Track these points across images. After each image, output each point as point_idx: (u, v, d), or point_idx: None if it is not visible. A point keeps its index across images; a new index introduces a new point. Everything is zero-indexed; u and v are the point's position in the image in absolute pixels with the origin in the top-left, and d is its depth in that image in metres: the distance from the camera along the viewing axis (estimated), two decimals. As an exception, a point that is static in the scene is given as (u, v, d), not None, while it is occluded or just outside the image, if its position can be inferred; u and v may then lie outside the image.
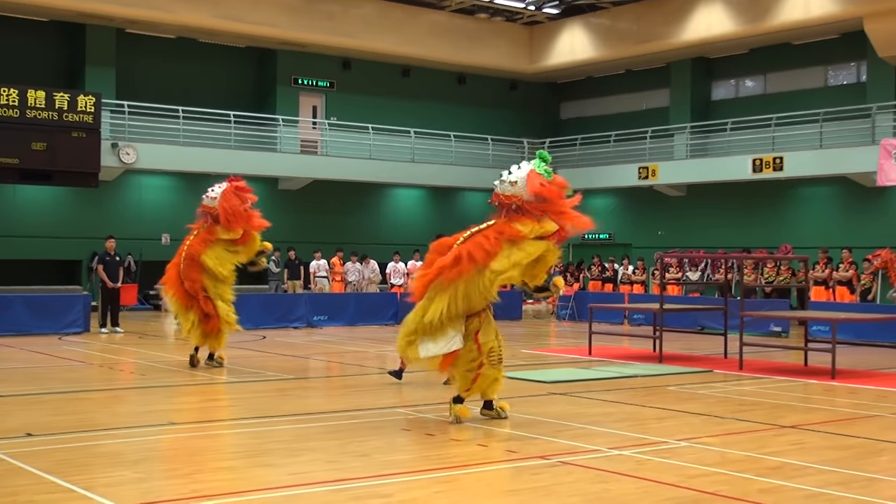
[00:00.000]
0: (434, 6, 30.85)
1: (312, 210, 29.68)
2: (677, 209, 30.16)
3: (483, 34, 32.01)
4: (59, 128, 22.74)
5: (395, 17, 30.35)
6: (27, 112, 22.52)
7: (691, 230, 29.40)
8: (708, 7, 28.32)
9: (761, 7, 27.22)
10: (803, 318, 15.67)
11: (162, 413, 9.95)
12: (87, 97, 23.47)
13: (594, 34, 31.27)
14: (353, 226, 30.37)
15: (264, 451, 8.28)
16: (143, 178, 27.62)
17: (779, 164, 26.07)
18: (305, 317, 21.89)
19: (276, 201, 29.48)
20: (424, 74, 32.53)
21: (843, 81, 28.63)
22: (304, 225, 29.01)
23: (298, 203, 29.50)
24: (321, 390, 11.87)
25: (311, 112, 30.95)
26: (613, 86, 33.70)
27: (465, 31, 31.64)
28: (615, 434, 8.88)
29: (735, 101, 30.79)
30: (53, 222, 26.31)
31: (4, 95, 22.31)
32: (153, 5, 26.59)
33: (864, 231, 25.76)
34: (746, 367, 14.27)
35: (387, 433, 8.93)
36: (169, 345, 17.98)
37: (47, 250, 26.19)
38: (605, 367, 14.06)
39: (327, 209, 30.02)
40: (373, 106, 31.25)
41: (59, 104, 22.82)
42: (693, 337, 18.84)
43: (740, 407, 10.74)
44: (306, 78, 30.55)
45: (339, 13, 29.38)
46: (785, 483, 6.99)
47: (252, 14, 27.97)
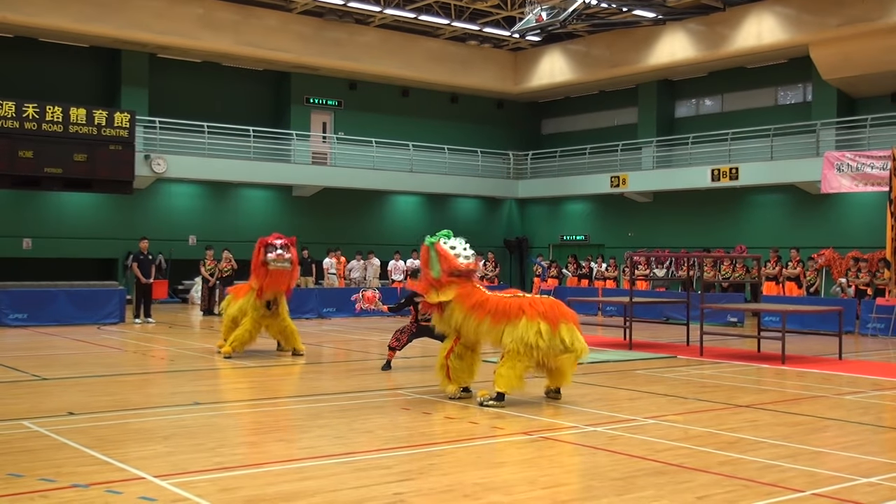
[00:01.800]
0: (430, 34, 30.80)
1: (322, 214, 29.61)
2: (645, 214, 30.16)
3: (473, 59, 31.97)
4: (98, 141, 22.64)
5: (396, 43, 30.30)
6: (70, 127, 22.43)
7: (657, 232, 29.41)
8: (672, 35, 28.31)
9: (719, 35, 27.21)
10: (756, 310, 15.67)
11: (189, 394, 9.92)
12: (123, 114, 23.37)
13: (572, 59, 31.24)
14: (358, 228, 30.31)
15: (280, 427, 8.26)
16: (172, 185, 27.53)
17: (734, 173, 26.07)
18: (316, 309, 21.84)
19: (290, 207, 29.46)
20: (422, 94, 32.49)
21: (791, 101, 28.63)
22: (315, 227, 28.94)
23: (310, 208, 29.44)
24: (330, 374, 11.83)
25: (322, 127, 30.89)
26: (588, 105, 33.69)
27: (458, 56, 31.60)
28: (591, 413, 8.87)
29: (695, 119, 30.79)
30: (93, 225, 26.21)
31: (50, 113, 22.21)
32: (182, 33, 26.50)
33: (809, 233, 25.77)
34: (706, 354, 14.26)
35: (388, 412, 8.91)
36: (196, 334, 17.93)
37: (87, 250, 26.10)
38: (582, 354, 14.02)
39: (336, 213, 29.96)
40: (376, 122, 31.20)
41: (98, 120, 22.72)
42: (659, 326, 18.84)
43: (701, 389, 10.74)
44: (317, 97, 30.49)
45: (346, 40, 29.31)
46: (741, 456, 6.98)
47: (269, 41, 27.90)
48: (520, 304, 9.23)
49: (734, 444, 7.41)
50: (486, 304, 9.33)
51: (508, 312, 9.21)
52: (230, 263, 22.15)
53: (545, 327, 9.01)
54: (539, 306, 9.17)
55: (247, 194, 28.96)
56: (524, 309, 9.16)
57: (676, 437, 7.65)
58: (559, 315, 9.14)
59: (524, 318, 9.09)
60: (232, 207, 28.58)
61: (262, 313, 13.54)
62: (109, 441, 7.30)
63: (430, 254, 9.61)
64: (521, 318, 9.11)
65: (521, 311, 9.16)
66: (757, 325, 15.37)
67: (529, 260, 31.78)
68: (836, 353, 14.14)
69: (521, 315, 9.12)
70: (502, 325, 9.19)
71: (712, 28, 27.29)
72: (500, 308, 9.25)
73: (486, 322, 9.26)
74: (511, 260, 33.60)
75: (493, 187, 32.33)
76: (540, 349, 8.98)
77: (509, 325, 9.15)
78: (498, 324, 9.21)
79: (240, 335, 13.35)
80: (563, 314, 9.20)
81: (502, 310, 9.24)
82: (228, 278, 21.36)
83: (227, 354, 13.24)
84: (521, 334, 9.03)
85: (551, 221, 33.48)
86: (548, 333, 8.99)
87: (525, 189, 32.78)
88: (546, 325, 9.02)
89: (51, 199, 25.55)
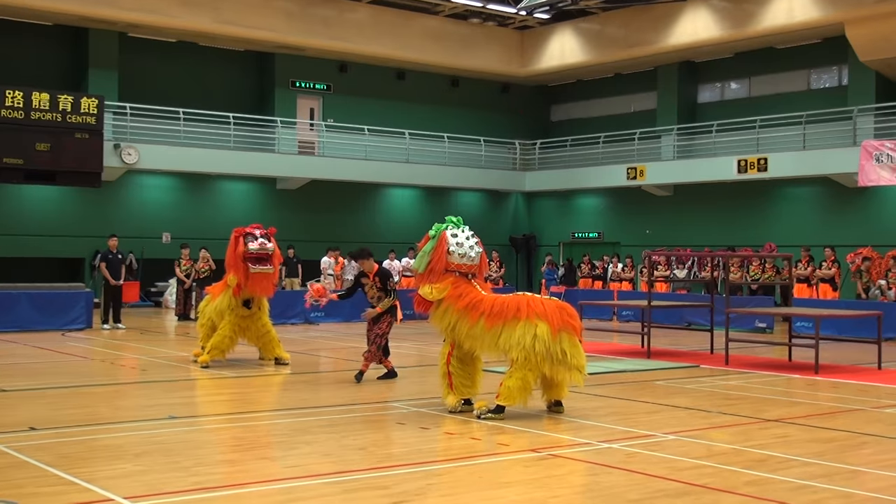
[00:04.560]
0: (428, 11, 30.80)
1: (310, 209, 29.61)
2: (664, 209, 30.16)
3: (476, 39, 31.97)
4: (62, 129, 22.64)
5: (390, 21, 30.30)
6: (32, 114, 22.42)
7: (678, 229, 29.40)
8: (694, 13, 28.31)
9: (746, 13, 27.22)
10: (787, 315, 15.67)
11: (163, 407, 9.91)
12: (91, 99, 23.37)
13: (584, 39, 31.25)
14: (349, 224, 30.31)
15: (263, 444, 8.25)
16: (144, 178, 27.53)
17: (763, 164, 26.08)
18: (303, 313, 21.83)
19: (274, 201, 29.44)
20: (419, 78, 32.49)
21: (825, 85, 28.64)
22: (301, 224, 28.94)
23: (296, 202, 29.44)
24: (318, 385, 11.84)
25: (309, 114, 30.88)
26: (602, 89, 33.69)
27: (458, 35, 31.60)
28: (605, 427, 8.86)
29: (720, 104, 30.79)
30: (57, 221, 26.21)
31: (10, 98, 22.21)
32: (155, 10, 26.49)
33: (845, 230, 25.77)
34: (732, 363, 14.26)
35: (383, 427, 8.91)
36: (170, 341, 17.93)
37: (51, 248, 26.09)
38: (595, 363, 14.01)
39: (324, 208, 29.96)
40: (368, 108, 31.20)
41: (62, 106, 22.73)
42: (680, 333, 18.83)
43: (726, 401, 10.73)
44: (304, 81, 30.49)
45: (335, 18, 29.32)
46: (770, 475, 6.98)
47: (250, 19, 27.90)
48: (517, 304, 9.20)
49: (762, 463, 7.41)
50: (481, 305, 9.33)
51: (504, 313, 9.18)
52: (208, 263, 22.15)
53: (545, 329, 8.99)
54: (539, 306, 9.14)
55: (226, 187, 28.95)
56: (521, 308, 9.15)
57: (699, 455, 7.66)
58: (562, 320, 9.11)
59: (523, 318, 9.08)
60: (210, 202, 28.58)
61: (240, 314, 13.50)
62: (75, 459, 7.30)
63: (429, 244, 9.61)
64: (518, 320, 9.10)
65: (519, 310, 9.15)
66: (787, 332, 15.37)
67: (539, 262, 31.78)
68: (875, 363, 14.13)
69: (519, 316, 9.12)
70: (498, 327, 9.16)
71: (738, 4, 27.29)
72: (496, 309, 9.24)
73: (481, 325, 9.23)
74: (517, 259, 33.61)
75: (497, 180, 32.34)
76: (537, 353, 8.96)
77: (506, 328, 9.12)
78: (493, 326, 9.18)
79: (218, 342, 13.33)
80: (567, 320, 9.15)
81: (498, 311, 9.22)
82: (206, 280, 21.36)
83: (205, 364, 13.22)
84: (518, 338, 9.03)
85: (561, 217, 33.48)
86: (547, 337, 8.97)
87: (532, 182, 32.78)
88: (546, 326, 9.01)
89: (10, 193, 25.54)
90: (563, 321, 9.09)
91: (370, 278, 11.89)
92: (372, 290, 11.83)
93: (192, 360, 13.86)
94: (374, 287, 11.79)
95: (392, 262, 25.77)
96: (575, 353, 9.06)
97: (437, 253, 9.52)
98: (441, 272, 9.50)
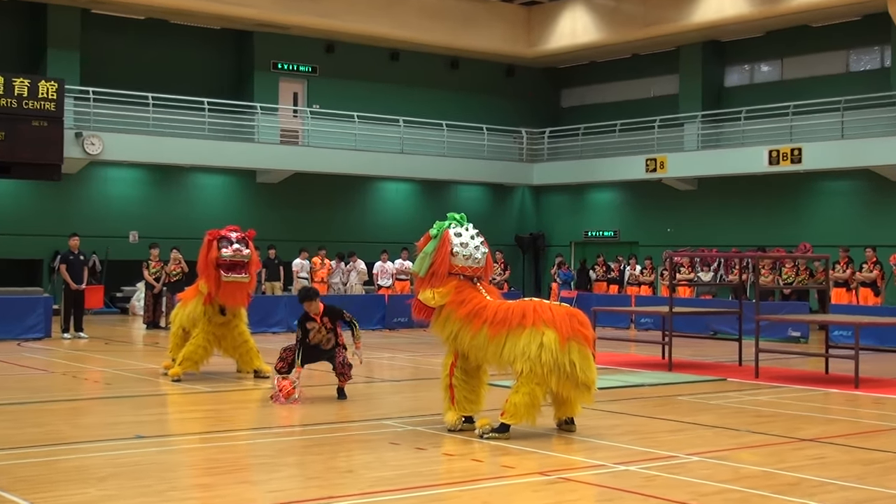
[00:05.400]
0: (425, -15, 30.82)
1: (293, 205, 29.62)
2: (688, 204, 30.18)
3: (478, 15, 31.98)
4: (18, 116, 22.59)
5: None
6: (-17, 99, 22.40)
7: (703, 227, 29.42)
8: (720, -14, 28.34)
9: (778, -14, 27.26)
10: (824, 322, 15.69)
11: (130, 425, 9.90)
12: (49, 83, 23.34)
13: (598, 16, 31.27)
14: (337, 222, 30.32)
15: (241, 466, 8.26)
16: (109, 170, 27.52)
17: (797, 155, 26.10)
18: (286, 321, 21.81)
19: (253, 196, 29.45)
20: (414, 59, 32.50)
21: (865, 67, 28.67)
22: (283, 221, 28.95)
23: (278, 197, 29.45)
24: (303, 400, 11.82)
25: (292, 99, 30.90)
26: (618, 71, 33.70)
27: (459, 12, 31.61)
28: (621, 448, 8.87)
29: (749, 88, 30.81)
30: (11, 219, 26.19)
31: (-41, 81, 22.18)
32: (120, -17, 26.53)
33: (888, 228, 25.78)
34: (762, 376, 14.26)
35: (374, 447, 8.91)
36: (137, 351, 17.93)
37: (5, 249, 26.07)
38: (610, 376, 14.04)
39: (309, 204, 29.97)
40: (359, 93, 31.19)
41: (18, 90, 22.68)
42: (705, 343, 18.83)
43: (756, 418, 10.75)
44: (287, 62, 30.50)
45: (322, -8, 29.34)
46: (804, 501, 6.99)
47: (228, -7, 27.91)
48: (523, 310, 9.22)
49: (796, 487, 7.42)
50: (484, 312, 9.34)
51: (509, 320, 9.18)
52: (180, 265, 22.15)
53: (552, 337, 8.99)
54: (547, 312, 9.15)
55: (200, 181, 28.96)
56: (527, 315, 9.16)
57: (726, 478, 7.67)
58: (572, 328, 9.11)
59: (528, 326, 9.10)
60: (182, 197, 28.59)
61: (215, 321, 13.52)
62: (34, 483, 7.30)
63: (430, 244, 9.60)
64: (524, 327, 9.11)
65: (524, 317, 9.16)
66: (824, 341, 15.37)
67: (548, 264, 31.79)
68: (921, 376, 14.15)
69: (525, 323, 9.13)
70: (502, 336, 9.17)
71: (770, -22, 27.34)
72: (500, 316, 9.25)
73: (484, 334, 9.24)
74: (524, 261, 33.63)
75: (501, 172, 32.35)
76: (543, 364, 8.97)
77: (511, 337, 9.13)
78: (497, 335, 9.18)
79: (190, 352, 13.34)
80: (578, 329, 9.15)
81: (501, 318, 9.23)
82: (177, 283, 21.37)
83: (177, 377, 13.23)
84: (522, 348, 9.04)
85: (573, 214, 33.50)
86: (555, 346, 8.97)
87: (541, 174, 32.79)
88: (554, 334, 9.02)
89: (-40, 187, 25.57)
90: (574, 329, 9.10)
91: (318, 321, 11.47)
92: (321, 332, 11.48)
93: (161, 373, 13.85)
94: (324, 329, 11.50)
95: (384, 264, 25.82)
96: (585, 367, 9.07)
97: (440, 254, 9.51)
98: (444, 275, 9.50)
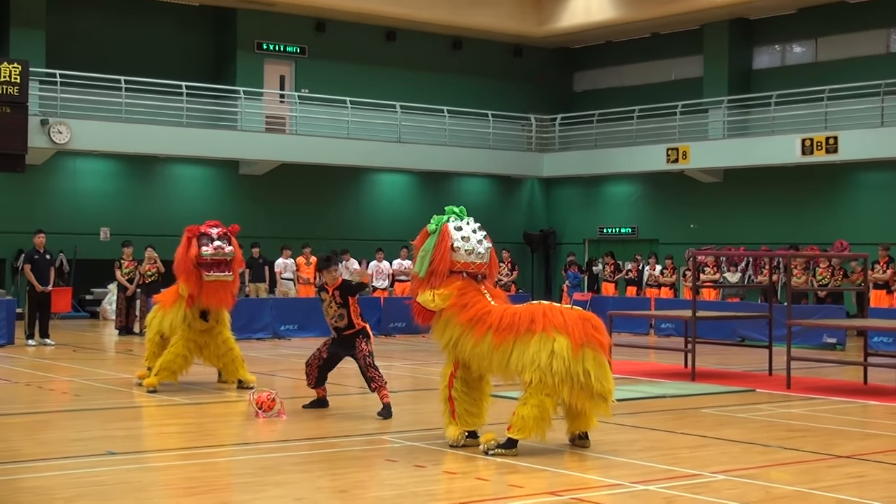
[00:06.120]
0: (424, -43, 30.82)
1: (279, 199, 29.59)
2: (712, 198, 30.16)
3: (482, -9, 31.99)
4: (-23, 102, 22.61)
5: (378, -30, 30.31)
6: (-60, 83, 22.40)
7: (729, 223, 29.41)
8: (749, -41, 28.34)
9: (812, -41, 27.25)
10: (862, 328, 15.66)
11: (100, 441, 9.90)
12: (12, 65, 23.33)
13: (614, -9, 31.27)
14: (327, 218, 30.30)
15: (222, 486, 8.25)
16: (77, 161, 27.52)
17: (832, 144, 26.07)
18: (271, 326, 21.82)
19: (236, 189, 29.44)
20: (413, 38, 32.48)
21: (908, 47, 28.66)
22: (269, 217, 28.93)
23: (263, 191, 29.43)
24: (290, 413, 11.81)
25: (279, 83, 30.88)
26: (637, 52, 33.67)
27: (462, -13, 31.63)
28: (639, 465, 8.87)
29: (780, 71, 30.77)
30: (-29, 214, 26.24)
31: (-87, 63, 22.20)
32: (90, -44, 26.53)
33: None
34: (795, 386, 14.25)
35: (369, 465, 8.90)
36: (109, 359, 17.92)
37: (-36, 247, 26.16)
38: (628, 387, 14.03)
39: (297, 198, 29.95)
40: (352, 76, 31.19)
41: (-23, 73, 22.70)
42: (732, 350, 18.81)
43: (788, 433, 10.74)
44: (272, 42, 30.48)
45: (312, -35, 29.34)
46: (841, 523, 6.98)
47: (208, -34, 27.93)
48: (531, 315, 9.19)
49: (832, 508, 7.41)
50: (488, 317, 9.32)
51: (516, 326, 9.16)
52: (155, 265, 22.13)
53: (564, 344, 8.97)
54: (558, 317, 9.12)
55: (178, 173, 28.96)
56: (536, 320, 9.13)
57: (755, 499, 7.66)
58: (586, 333, 9.09)
59: (538, 332, 9.07)
60: (158, 190, 28.58)
61: (196, 327, 13.53)
62: (-7, 504, 7.30)
63: (429, 241, 9.59)
64: (533, 333, 9.08)
65: (533, 322, 9.13)
66: (863, 349, 15.35)
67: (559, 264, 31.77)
68: (970, 386, 14.13)
69: (534, 328, 9.10)
70: (508, 344, 9.14)
71: (803, -51, 27.33)
72: (506, 321, 9.23)
73: (488, 341, 9.22)
74: (533, 260, 33.63)
75: (508, 163, 32.33)
76: (554, 374, 8.96)
77: (518, 344, 9.11)
78: (503, 343, 9.16)
79: (168, 361, 13.35)
80: (592, 334, 9.13)
81: (508, 324, 9.20)
82: (153, 285, 21.36)
83: (153, 388, 13.24)
84: (532, 356, 9.02)
85: (587, 209, 33.49)
86: (567, 353, 8.94)
87: (552, 165, 32.77)
88: (566, 341, 9.00)
89: (-85, 180, 25.59)
90: (588, 335, 9.08)
91: (329, 292, 11.54)
92: (332, 306, 11.54)
93: (135, 384, 13.85)
94: (335, 304, 11.54)
95: (380, 264, 25.80)
96: (600, 376, 9.04)
97: (439, 251, 9.49)
98: (445, 274, 9.48)
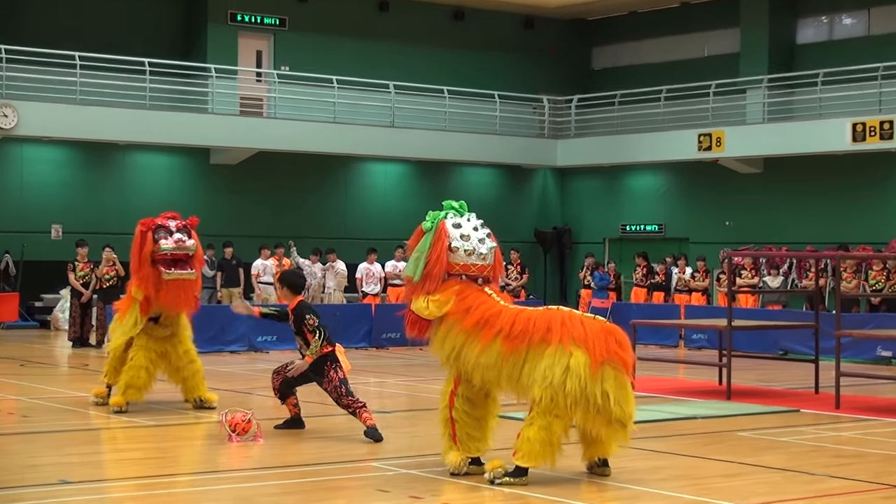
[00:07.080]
0: (422, -84, 30.87)
1: (256, 192, 29.56)
2: (750, 191, 30.15)
3: (488, -46, 32.06)
4: (-89, 81, 22.65)
5: (369, -70, 30.37)
6: None
7: (770, 220, 29.39)
8: (792, -83, 28.36)
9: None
10: (921, 339, 15.68)
11: (52, 468, 9.90)
12: (-49, 39, 23.37)
13: (638, -46, 31.33)
14: (311, 214, 30.28)
15: (191, 519, 8.26)
16: (25, 148, 27.51)
17: (887, 129, 26.06)
18: (247, 337, 21.81)
19: (207, 179, 29.41)
20: (409, 9, 32.48)
21: (974, 19, 28.67)
22: (244, 212, 28.93)
23: (237, 182, 29.41)
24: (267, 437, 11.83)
25: (255, 59, 30.89)
26: (664, 25, 33.65)
27: (464, -51, 31.70)
28: (666, 496, 8.88)
29: (828, 46, 30.75)
30: None
31: None
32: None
33: None
34: (844, 406, 14.24)
35: (357, 496, 8.91)
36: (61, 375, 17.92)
37: None
38: (653, 406, 14.03)
39: (276, 191, 29.91)
40: (338, 51, 31.18)
41: (-88, 48, 22.74)
42: (773, 365, 18.81)
43: (837, 459, 10.75)
44: (248, 14, 30.47)
45: (293, -75, 29.37)
46: (898, 563, 6.99)
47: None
48: (548, 322, 9.14)
49: (887, 546, 7.42)
50: (497, 320, 9.27)
51: (530, 333, 9.11)
52: (114, 268, 22.12)
53: (581, 360, 8.92)
54: (578, 328, 9.06)
55: (140, 161, 28.95)
56: (553, 328, 9.09)
57: (799, 535, 7.67)
58: (609, 349, 9.04)
59: (554, 342, 9.03)
60: (117, 182, 28.57)
61: (156, 335, 13.49)
62: (-71, 540, 7.31)
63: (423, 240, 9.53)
64: (548, 344, 9.05)
65: (549, 331, 9.09)
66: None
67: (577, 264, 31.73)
68: None
69: (549, 338, 9.05)
70: (521, 353, 9.11)
71: None
72: (519, 326, 9.18)
73: (496, 349, 9.17)
74: (546, 262, 33.61)
75: (518, 151, 32.30)
76: (567, 394, 8.94)
77: (531, 355, 9.08)
78: (514, 352, 9.12)
79: (132, 378, 13.27)
80: (615, 351, 9.08)
81: (521, 330, 9.15)
82: (111, 290, 21.37)
83: (119, 407, 13.18)
84: (543, 370, 8.98)
85: (607, 204, 33.46)
86: (584, 371, 8.90)
87: (567, 153, 32.75)
88: (584, 356, 8.95)
89: None
90: (610, 351, 9.03)
91: (290, 315, 11.51)
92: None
93: (92, 402, 13.83)
94: (292, 328, 11.49)
95: (371, 266, 25.74)
96: (621, 398, 8.99)
97: (435, 251, 9.44)
98: (441, 277, 9.43)
